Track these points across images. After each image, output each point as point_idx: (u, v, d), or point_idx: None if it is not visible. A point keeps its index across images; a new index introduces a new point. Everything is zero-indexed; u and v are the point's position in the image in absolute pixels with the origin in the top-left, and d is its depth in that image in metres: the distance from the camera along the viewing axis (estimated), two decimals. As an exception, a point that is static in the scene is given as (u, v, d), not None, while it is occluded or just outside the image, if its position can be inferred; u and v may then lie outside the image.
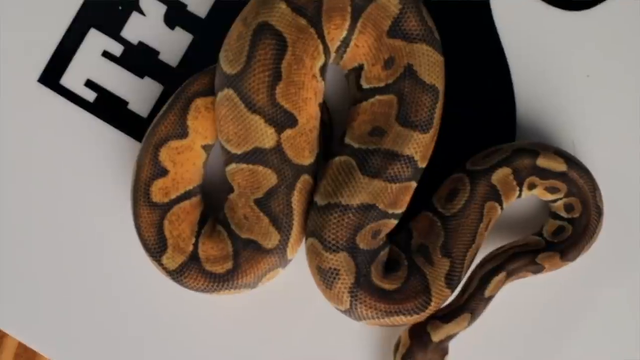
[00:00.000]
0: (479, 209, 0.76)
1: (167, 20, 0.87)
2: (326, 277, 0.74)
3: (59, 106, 0.87)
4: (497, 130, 0.86)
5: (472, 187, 0.76)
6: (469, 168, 0.78)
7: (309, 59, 0.73)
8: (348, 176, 0.73)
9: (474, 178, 0.77)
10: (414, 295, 0.75)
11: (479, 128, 0.85)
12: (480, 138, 0.85)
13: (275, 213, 0.74)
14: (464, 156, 0.83)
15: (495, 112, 0.85)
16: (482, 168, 0.77)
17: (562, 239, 0.72)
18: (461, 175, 0.78)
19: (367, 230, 0.74)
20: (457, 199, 0.76)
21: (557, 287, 0.84)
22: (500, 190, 0.77)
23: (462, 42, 0.84)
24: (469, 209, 0.76)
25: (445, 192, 0.78)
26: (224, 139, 0.75)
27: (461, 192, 0.77)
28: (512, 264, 0.76)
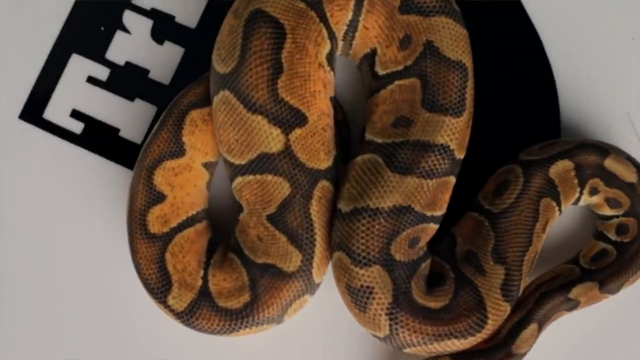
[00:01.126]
0: (533, 205, 0.63)
1: (154, 35, 0.77)
2: (358, 297, 0.61)
3: (44, 142, 0.77)
4: (541, 122, 0.73)
5: (525, 178, 0.63)
6: (523, 158, 0.65)
7: (313, 45, 0.61)
8: (375, 175, 0.61)
9: (528, 169, 0.64)
10: (466, 313, 0.61)
11: (522, 122, 0.72)
12: (523, 132, 0.72)
13: (292, 229, 0.62)
14: (507, 155, 0.69)
15: (538, 104, 0.73)
16: (539, 158, 0.65)
17: (603, 266, 0.62)
18: (513, 166, 0.65)
19: (403, 237, 0.61)
20: (507, 193, 0.63)
21: (593, 324, 0.70)
22: (558, 186, 0.64)
23: (495, 35, 0.73)
24: (521, 204, 0.63)
25: (493, 187, 0.65)
26: (225, 150, 0.64)
27: (512, 184, 0.64)
28: (541, 309, 0.63)
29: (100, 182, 0.76)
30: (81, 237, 0.75)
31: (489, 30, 0.74)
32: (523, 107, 0.74)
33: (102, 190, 0.76)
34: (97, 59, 0.78)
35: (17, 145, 0.78)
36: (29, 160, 0.78)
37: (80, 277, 0.75)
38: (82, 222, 0.76)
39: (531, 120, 0.74)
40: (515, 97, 0.74)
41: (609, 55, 0.75)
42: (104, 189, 0.76)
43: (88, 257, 0.75)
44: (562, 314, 0.64)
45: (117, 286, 0.74)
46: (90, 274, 0.75)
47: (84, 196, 0.76)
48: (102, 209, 0.75)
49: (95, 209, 0.76)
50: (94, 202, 0.76)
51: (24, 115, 0.79)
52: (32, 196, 0.77)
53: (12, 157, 0.78)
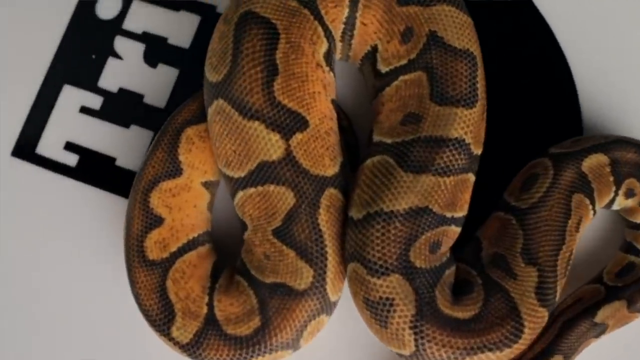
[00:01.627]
0: (564, 200, 0.56)
1: (147, 59, 0.74)
2: (377, 311, 0.55)
3: (38, 178, 0.73)
4: (562, 122, 0.67)
5: (555, 171, 0.57)
6: (553, 151, 0.60)
7: (308, 44, 0.57)
8: (387, 177, 0.55)
9: (558, 162, 0.58)
10: (499, 322, 0.55)
11: (543, 122, 0.67)
12: (545, 133, 0.67)
13: (301, 242, 0.56)
14: (529, 157, 0.64)
15: (558, 103, 0.68)
16: (571, 151, 0.59)
17: (630, 281, 0.57)
18: (541, 159, 0.60)
19: (423, 242, 0.55)
20: (535, 187, 0.57)
21: (621, 348, 0.62)
22: (592, 182, 0.58)
23: (511, 40, 0.68)
24: (551, 198, 0.57)
25: (520, 182, 0.59)
26: (223, 164, 0.59)
27: (541, 178, 0.58)
28: (566, 339, 0.56)
29: (98, 215, 0.71)
30: (79, 271, 0.70)
31: (503, 31, 0.69)
32: (543, 108, 0.69)
33: (99, 223, 0.71)
34: (90, 88, 0.74)
35: (11, 184, 0.74)
36: (23, 197, 0.73)
37: (79, 312, 0.69)
38: (80, 256, 0.71)
39: (552, 120, 0.69)
40: (534, 97, 0.69)
41: (627, 50, 0.69)
42: (101, 221, 0.71)
43: (87, 291, 0.70)
44: (590, 342, 0.57)
45: (117, 320, 0.68)
46: (89, 309, 0.69)
47: (81, 230, 0.71)
48: (100, 242, 0.70)
49: (93, 243, 0.71)
50: (91, 235, 0.71)
51: (16, 152, 0.75)
52: (28, 234, 0.72)
53: (6, 195, 0.73)
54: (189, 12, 0.74)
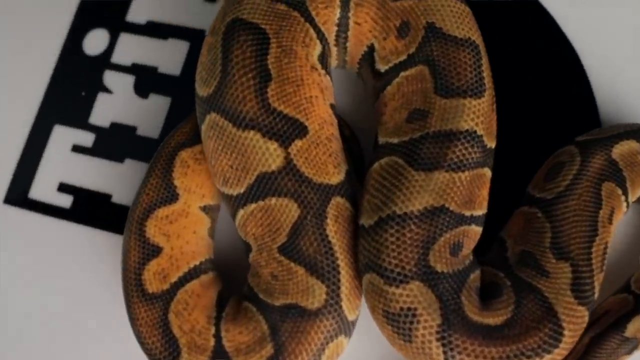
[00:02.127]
0: (593, 188, 0.51)
1: (138, 90, 0.71)
2: (400, 324, 0.49)
3: (32, 224, 0.69)
4: (580, 121, 0.63)
5: (583, 158, 0.53)
6: (579, 139, 0.55)
7: (301, 47, 0.53)
8: (397, 178, 0.51)
9: (586, 148, 0.53)
10: (535, 325, 0.49)
11: (561, 122, 0.63)
12: (564, 132, 0.62)
13: (309, 257, 0.51)
14: (547, 155, 0.59)
15: (574, 103, 0.63)
16: (600, 137, 0.54)
17: None
18: (567, 147, 0.55)
19: (442, 244, 0.50)
20: (561, 175, 0.52)
21: None
22: (623, 170, 0.53)
23: (520, 38, 0.65)
24: (579, 186, 0.51)
25: (544, 172, 0.55)
26: (221, 182, 0.54)
27: (567, 165, 0.53)
28: (595, 357, 0.50)
29: (96, 255, 0.67)
30: (80, 314, 0.65)
31: (512, 29, 0.65)
32: (559, 105, 0.64)
33: (97, 263, 0.66)
34: (81, 126, 0.71)
35: (4, 232, 0.69)
36: (18, 245, 0.69)
37: (79, 356, 0.64)
38: (78, 298, 0.66)
39: (569, 117, 0.64)
40: (549, 97, 0.64)
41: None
42: (99, 261, 0.66)
43: (87, 333, 0.64)
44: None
45: (118, 363, 0.63)
46: (90, 351, 0.63)
47: (79, 272, 0.67)
48: (99, 282, 0.66)
49: (93, 284, 0.66)
50: (90, 277, 0.67)
51: (8, 199, 0.71)
52: (24, 280, 0.67)
53: (0, 244, 0.69)
54: (178, 39, 0.71)
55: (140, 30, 0.72)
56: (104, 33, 0.73)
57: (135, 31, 0.72)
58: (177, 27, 0.72)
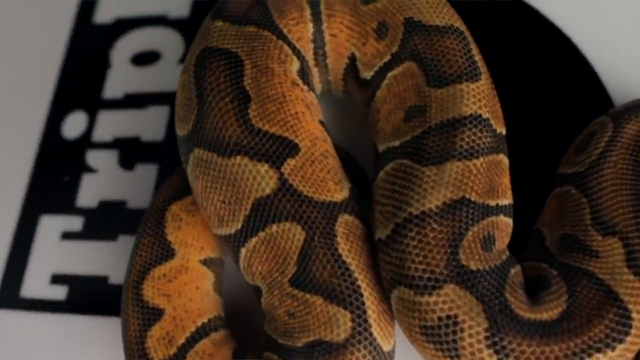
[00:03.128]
0: (630, 155, 0.46)
1: (123, 163, 0.66)
2: (441, 337, 0.41)
3: (27, 324, 0.62)
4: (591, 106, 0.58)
5: (615, 125, 0.47)
6: (612, 110, 0.50)
7: (277, 64, 0.49)
8: (407, 179, 0.45)
9: (618, 116, 0.48)
10: (596, 313, 0.41)
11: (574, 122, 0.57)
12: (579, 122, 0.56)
13: (325, 282, 0.44)
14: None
15: (586, 100, 0.58)
16: (632, 105, 0.49)
17: None
18: (599, 118, 0.50)
19: (471, 239, 0.43)
20: (592, 144, 0.47)
21: None
22: None
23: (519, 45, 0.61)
24: (613, 153, 0.46)
25: (575, 147, 0.49)
26: (216, 223, 0.48)
27: (598, 134, 0.48)
28: None
29: (97, 342, 0.59)
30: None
31: (504, 31, 0.62)
32: (568, 97, 0.59)
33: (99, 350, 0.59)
34: (68, 211, 0.66)
35: None
36: (14, 349, 0.61)
37: None
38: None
39: (582, 108, 0.58)
40: (555, 89, 0.59)
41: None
42: (101, 348, 0.59)
43: None
44: None
45: None
46: None
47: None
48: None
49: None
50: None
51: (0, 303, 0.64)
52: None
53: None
54: (157, 105, 0.68)
55: (118, 105, 0.69)
56: (81, 115, 0.69)
57: (114, 106, 0.69)
58: (154, 94, 0.68)
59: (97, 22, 0.74)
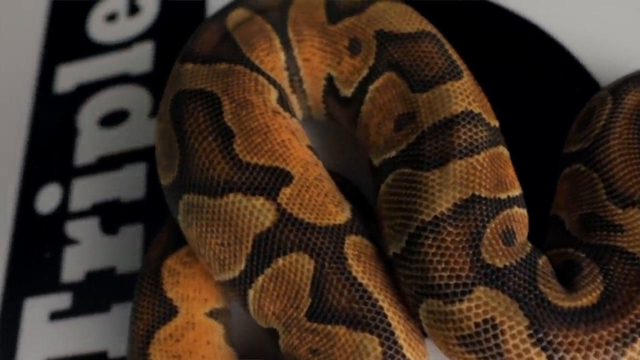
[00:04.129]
0: (633, 125, 0.44)
1: (106, 228, 0.62)
2: (482, 345, 0.38)
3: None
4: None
5: (615, 97, 0.46)
6: (609, 84, 0.48)
7: (255, 96, 0.47)
8: (411, 187, 0.43)
9: (616, 89, 0.46)
10: (636, 289, 0.38)
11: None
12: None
13: (344, 309, 0.40)
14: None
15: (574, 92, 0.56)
16: (630, 76, 0.47)
17: None
18: (598, 93, 0.48)
19: (491, 236, 0.40)
20: (594, 118, 0.45)
21: None
22: None
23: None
24: (616, 124, 0.44)
25: (576, 125, 0.47)
26: (218, 270, 0.45)
27: (599, 108, 0.46)
28: None
29: None
30: None
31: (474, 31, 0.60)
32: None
33: None
34: (54, 289, 0.61)
35: None
36: None
37: None
38: None
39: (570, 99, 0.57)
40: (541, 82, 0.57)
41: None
42: None
43: None
44: None
45: None
46: None
47: None
48: None
49: None
50: None
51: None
52: None
53: None
54: (133, 163, 0.64)
55: (93, 170, 0.65)
56: (55, 187, 0.65)
57: (88, 172, 0.65)
58: (129, 152, 0.65)
59: (58, 91, 0.71)
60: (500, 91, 0.53)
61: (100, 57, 0.71)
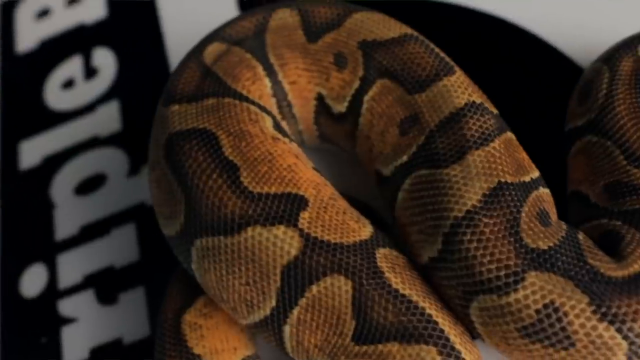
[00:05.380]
0: (634, 89, 0.44)
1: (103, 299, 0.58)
2: (547, 332, 0.37)
3: None
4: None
5: (610, 66, 0.45)
6: (600, 57, 0.48)
7: (251, 125, 0.44)
8: (433, 187, 0.41)
9: (609, 59, 0.46)
10: None
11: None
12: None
13: (392, 325, 0.38)
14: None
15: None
16: (619, 45, 0.47)
17: None
18: (592, 67, 0.47)
19: (527, 220, 0.39)
20: (594, 89, 0.45)
21: None
22: None
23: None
24: (618, 91, 0.44)
25: (576, 99, 0.47)
26: (246, 313, 0.41)
27: (596, 79, 0.46)
28: None
29: None
30: None
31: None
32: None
33: None
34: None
35: None
36: None
37: None
38: None
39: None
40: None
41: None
42: None
43: None
44: None
45: None
46: None
47: None
48: None
49: None
50: None
51: None
52: None
53: None
54: (121, 225, 0.60)
55: (77, 241, 0.61)
56: (39, 267, 0.60)
57: (72, 245, 0.60)
58: (114, 215, 0.61)
59: (25, 168, 0.66)
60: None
61: (64, 125, 0.68)
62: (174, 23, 0.69)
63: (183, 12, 0.69)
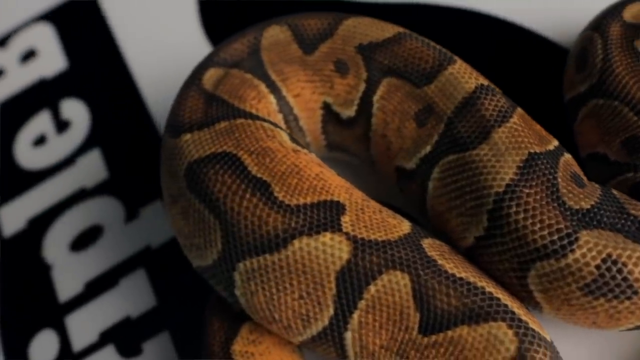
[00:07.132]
0: (628, 51, 0.47)
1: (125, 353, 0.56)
2: (610, 285, 0.39)
3: None
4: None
5: (601, 33, 0.48)
6: (589, 25, 0.50)
7: (270, 141, 0.44)
8: (466, 170, 0.42)
9: (598, 26, 0.49)
10: None
11: None
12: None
13: (457, 309, 0.39)
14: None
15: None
16: (605, 11, 0.50)
17: None
18: (583, 35, 0.50)
19: (564, 184, 0.41)
20: (591, 55, 0.48)
21: None
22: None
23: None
24: (613, 54, 0.47)
25: (573, 68, 0.49)
26: (301, 328, 0.41)
27: (590, 46, 0.48)
28: None
29: None
30: None
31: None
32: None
33: None
34: None
35: None
36: None
37: None
38: None
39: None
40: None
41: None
42: None
43: None
44: None
45: None
46: None
47: None
48: None
49: None
50: None
51: None
52: None
53: None
54: (129, 273, 0.58)
55: (84, 299, 0.58)
56: (48, 334, 0.57)
57: (79, 304, 0.58)
58: (119, 265, 0.59)
59: (9, 235, 0.63)
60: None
61: (43, 183, 0.65)
62: (141, 60, 0.68)
63: (150, 50, 0.69)
